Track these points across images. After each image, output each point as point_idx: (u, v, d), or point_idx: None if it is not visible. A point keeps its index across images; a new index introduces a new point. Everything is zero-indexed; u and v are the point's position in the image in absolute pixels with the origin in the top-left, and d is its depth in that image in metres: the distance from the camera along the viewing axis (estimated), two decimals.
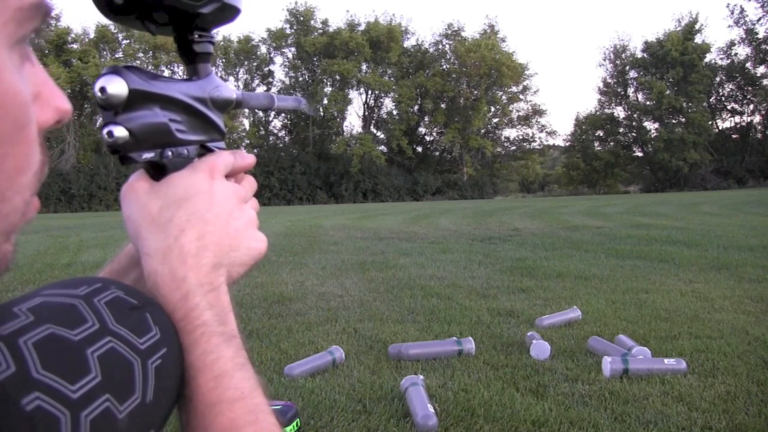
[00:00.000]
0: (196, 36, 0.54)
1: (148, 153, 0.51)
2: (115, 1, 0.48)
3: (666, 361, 2.28)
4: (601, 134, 50.03)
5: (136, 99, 0.48)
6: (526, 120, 50.18)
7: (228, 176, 0.56)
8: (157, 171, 0.52)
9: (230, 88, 0.58)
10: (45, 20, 0.34)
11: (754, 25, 44.50)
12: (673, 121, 45.58)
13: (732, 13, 45.45)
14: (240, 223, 0.54)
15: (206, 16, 0.52)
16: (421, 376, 2.12)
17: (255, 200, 0.59)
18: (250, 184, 0.58)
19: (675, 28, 46.56)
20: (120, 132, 0.47)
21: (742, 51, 47.84)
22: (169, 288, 0.48)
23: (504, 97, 48.59)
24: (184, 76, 0.56)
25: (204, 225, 0.50)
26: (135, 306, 0.44)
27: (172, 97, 0.51)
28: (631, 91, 49.29)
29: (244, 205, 0.55)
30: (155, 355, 0.43)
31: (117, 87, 0.46)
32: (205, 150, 0.56)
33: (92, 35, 40.09)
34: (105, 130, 0.47)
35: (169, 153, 0.52)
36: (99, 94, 0.46)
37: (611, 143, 49.40)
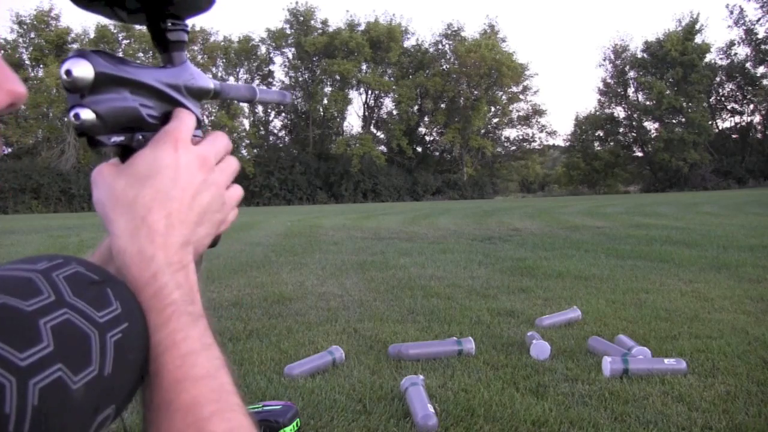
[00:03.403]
0: (170, 24, 0.53)
1: (118, 137, 0.50)
2: None
3: (666, 361, 2.28)
4: (601, 134, 50.05)
5: (103, 82, 0.47)
6: (526, 120, 50.21)
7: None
8: (128, 155, 0.51)
9: (207, 78, 0.58)
10: None
11: (753, 25, 44.52)
12: (673, 121, 45.59)
13: (732, 13, 45.48)
14: (206, 196, 0.53)
15: (179, 3, 0.52)
16: (421, 376, 2.12)
17: (230, 159, 0.57)
18: (216, 145, 0.55)
19: (675, 28, 46.60)
20: (87, 114, 0.47)
21: (742, 51, 47.83)
22: (138, 267, 0.47)
23: (504, 97, 48.61)
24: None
25: (170, 203, 0.50)
26: (95, 281, 0.44)
27: (142, 83, 0.50)
28: (631, 91, 49.30)
29: (212, 174, 0.54)
30: (115, 329, 0.42)
31: (83, 70, 0.46)
32: None
33: (92, 35, 40.08)
34: (71, 113, 0.47)
35: (140, 136, 0.51)
36: (65, 76, 0.46)
37: (611, 143, 49.42)
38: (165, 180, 0.50)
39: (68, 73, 0.46)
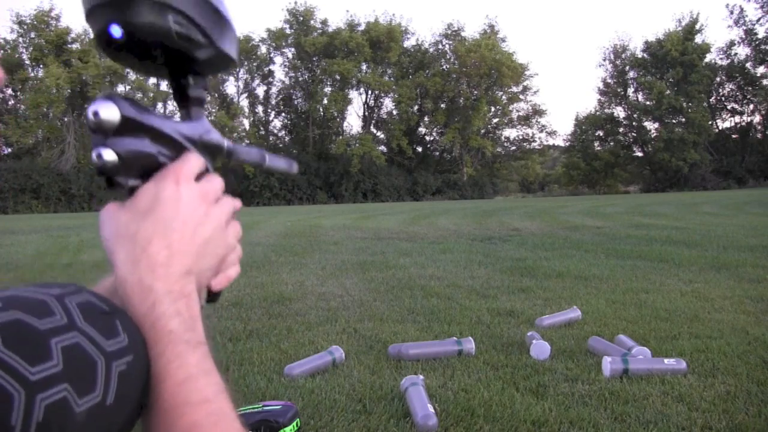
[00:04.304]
0: (191, 80, 0.55)
1: (135, 180, 0.52)
2: (115, 39, 0.49)
3: (666, 361, 2.28)
4: (601, 134, 50.04)
5: (128, 127, 0.49)
6: (526, 120, 50.21)
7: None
8: None
9: (220, 136, 0.60)
10: None
11: (753, 25, 44.52)
12: (673, 121, 45.58)
13: (732, 13, 45.49)
14: (208, 228, 0.53)
15: (202, 61, 0.54)
16: (421, 376, 2.12)
17: (227, 198, 0.59)
18: (215, 183, 0.57)
19: (675, 28, 46.61)
20: (109, 155, 0.48)
21: (742, 51, 47.84)
22: (138, 297, 0.48)
23: (504, 97, 48.61)
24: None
25: (172, 233, 0.50)
26: (106, 311, 0.45)
27: (163, 132, 0.52)
28: (631, 91, 49.31)
29: (214, 208, 0.55)
30: (121, 359, 0.43)
31: (110, 113, 0.48)
32: None
33: (92, 35, 40.02)
34: (95, 153, 0.48)
35: None
36: (92, 117, 0.48)
37: (611, 143, 49.41)
38: (167, 212, 0.51)
39: (95, 114, 0.48)
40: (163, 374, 0.46)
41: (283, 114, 49.36)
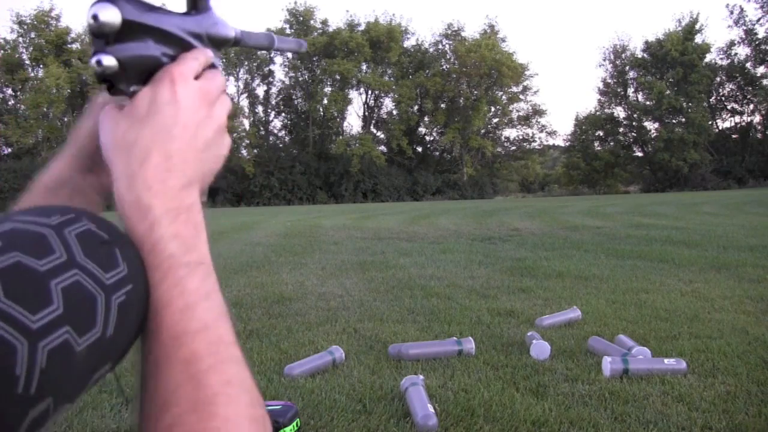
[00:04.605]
0: None
1: (137, 86, 0.50)
2: None
3: (666, 361, 2.28)
4: (601, 134, 50.03)
5: (130, 29, 0.47)
6: (526, 120, 50.21)
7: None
8: None
9: (229, 26, 0.57)
10: None
11: (753, 25, 44.52)
12: (673, 121, 45.58)
13: (732, 13, 45.48)
14: (209, 131, 0.52)
15: None
16: (421, 376, 2.12)
17: (225, 96, 0.56)
18: (217, 80, 0.54)
19: (675, 28, 46.61)
20: (109, 61, 0.46)
21: (742, 51, 47.82)
22: (136, 218, 0.47)
23: (504, 97, 48.61)
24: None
25: (171, 143, 0.49)
26: (105, 240, 0.44)
27: (166, 31, 0.50)
28: (631, 91, 49.30)
29: (216, 107, 0.53)
30: (120, 291, 0.42)
31: (110, 15, 0.45)
32: None
33: None
34: (94, 59, 0.46)
35: None
36: (92, 21, 0.45)
37: (611, 143, 49.41)
38: (165, 118, 0.49)
39: (95, 17, 0.45)
40: (163, 301, 0.46)
41: (283, 114, 49.38)
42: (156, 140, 0.48)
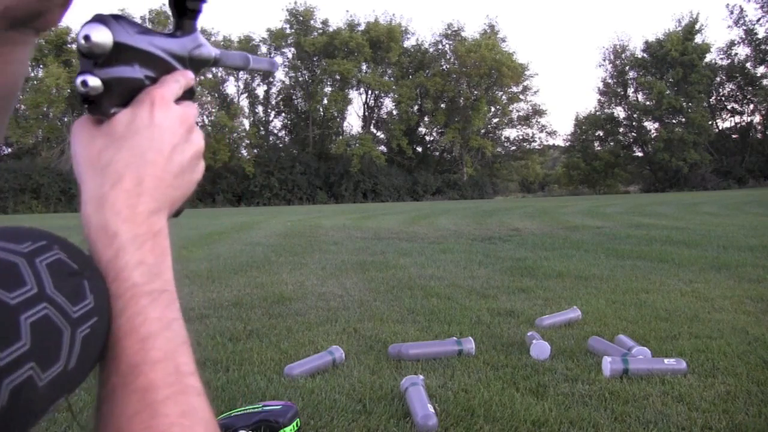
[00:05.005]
0: None
1: (118, 108, 0.50)
2: None
3: (666, 361, 2.28)
4: (601, 134, 50.02)
5: (119, 52, 0.47)
6: (526, 120, 50.21)
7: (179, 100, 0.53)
8: None
9: (211, 47, 0.57)
10: None
11: (753, 25, 44.52)
12: (673, 121, 45.57)
13: (732, 13, 45.49)
14: (185, 157, 0.52)
15: None
16: (421, 376, 2.12)
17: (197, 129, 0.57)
18: (194, 109, 0.55)
19: (675, 28, 46.60)
20: (94, 82, 0.47)
21: (742, 51, 47.82)
22: (102, 243, 0.47)
23: (504, 97, 48.60)
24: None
25: (144, 167, 0.49)
26: (74, 271, 0.44)
27: (152, 54, 0.50)
28: (631, 91, 49.29)
29: (193, 133, 0.53)
30: (85, 324, 0.42)
31: (102, 36, 0.45)
32: None
33: None
34: (80, 79, 0.47)
35: None
36: (83, 41, 0.45)
37: (611, 143, 49.41)
38: (142, 141, 0.49)
39: (87, 38, 0.45)
40: (124, 330, 0.46)
41: (283, 114, 49.37)
42: (130, 163, 0.48)
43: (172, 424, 0.44)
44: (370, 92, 48.32)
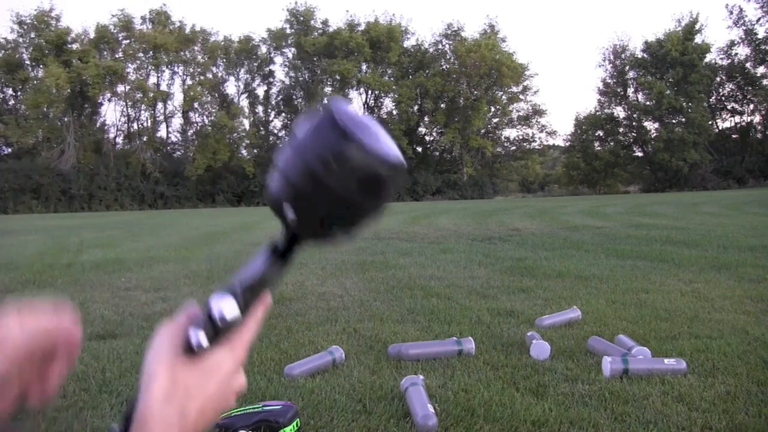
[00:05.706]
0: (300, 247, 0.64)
1: (207, 345, 0.53)
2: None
3: (666, 361, 2.28)
4: (601, 134, 49.98)
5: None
6: (526, 120, 50.15)
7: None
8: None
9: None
10: None
11: (753, 25, 44.51)
12: (673, 121, 45.54)
13: (731, 13, 45.45)
14: (232, 387, 0.55)
15: (305, 239, 0.64)
16: (421, 376, 2.12)
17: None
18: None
19: (675, 28, 46.51)
20: (204, 341, 0.51)
21: (742, 51, 47.76)
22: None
23: (504, 97, 48.55)
24: None
25: (210, 409, 0.52)
26: None
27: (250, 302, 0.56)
28: (630, 91, 49.26)
29: (238, 376, 0.56)
30: None
31: (232, 311, 0.51)
32: None
33: (92, 35, 40.01)
34: (194, 336, 0.51)
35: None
36: (216, 317, 0.51)
37: (611, 143, 49.36)
38: (221, 385, 0.53)
39: (222, 317, 0.51)
40: None
41: (283, 114, 49.31)
42: (205, 409, 0.51)
43: None
44: (370, 92, 48.31)
